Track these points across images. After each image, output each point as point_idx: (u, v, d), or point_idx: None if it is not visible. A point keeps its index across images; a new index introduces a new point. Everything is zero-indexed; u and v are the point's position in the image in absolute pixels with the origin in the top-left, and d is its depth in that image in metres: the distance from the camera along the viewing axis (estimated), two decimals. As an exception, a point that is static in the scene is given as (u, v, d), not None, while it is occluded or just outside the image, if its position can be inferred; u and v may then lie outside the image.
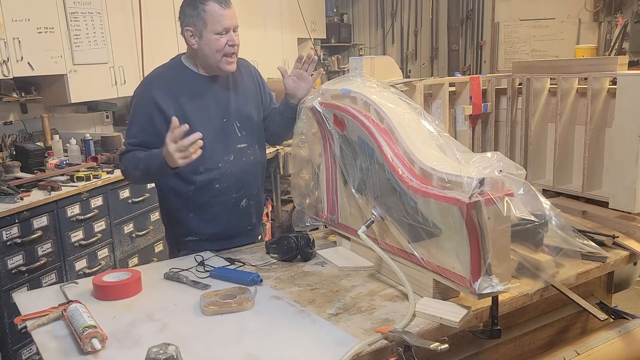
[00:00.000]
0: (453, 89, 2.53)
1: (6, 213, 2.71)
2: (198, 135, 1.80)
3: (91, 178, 3.27)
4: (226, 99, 2.13)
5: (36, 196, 2.94)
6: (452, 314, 1.46)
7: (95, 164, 3.58)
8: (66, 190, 3.08)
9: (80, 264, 3.18)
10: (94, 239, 3.26)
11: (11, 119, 3.66)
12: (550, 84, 2.42)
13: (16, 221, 2.77)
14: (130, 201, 3.55)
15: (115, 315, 1.57)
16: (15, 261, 2.77)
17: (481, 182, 1.34)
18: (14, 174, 3.24)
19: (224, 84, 2.14)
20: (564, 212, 1.67)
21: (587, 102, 2.20)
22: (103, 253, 3.35)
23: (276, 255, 1.98)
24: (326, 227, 2.21)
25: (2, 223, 2.70)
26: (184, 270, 1.87)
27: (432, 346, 1.28)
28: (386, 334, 1.36)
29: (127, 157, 2.05)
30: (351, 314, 1.54)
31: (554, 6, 6.89)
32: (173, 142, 1.79)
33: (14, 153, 3.49)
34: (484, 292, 1.38)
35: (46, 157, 3.54)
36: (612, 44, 6.28)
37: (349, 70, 2.29)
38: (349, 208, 1.93)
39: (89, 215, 3.22)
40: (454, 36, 7.58)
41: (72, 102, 3.64)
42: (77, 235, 3.16)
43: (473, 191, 1.33)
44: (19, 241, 2.77)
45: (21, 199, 2.85)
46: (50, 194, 2.98)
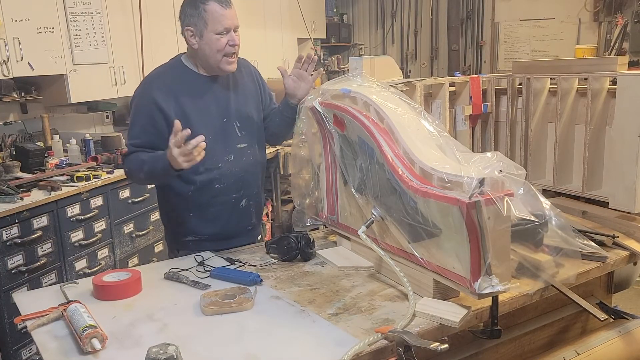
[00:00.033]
0: (453, 89, 2.53)
1: (6, 213, 2.71)
2: (201, 138, 1.81)
3: (91, 178, 3.27)
4: (226, 98, 2.13)
5: (36, 196, 2.94)
6: (452, 314, 1.46)
7: (95, 164, 3.58)
8: (66, 190, 3.08)
9: (80, 264, 3.18)
10: (94, 239, 3.26)
11: (11, 119, 3.66)
12: (550, 84, 2.42)
13: (16, 221, 2.77)
14: (130, 201, 3.55)
15: (115, 315, 1.57)
16: (15, 261, 2.77)
17: (481, 182, 1.34)
18: (14, 174, 3.24)
19: (224, 84, 2.14)
20: (564, 212, 1.67)
21: (587, 102, 2.20)
22: (103, 253, 3.35)
23: (276, 255, 1.98)
24: (326, 227, 2.21)
25: (2, 223, 2.70)
26: (184, 270, 1.87)
27: (432, 346, 1.28)
28: (386, 334, 1.36)
29: (130, 159, 2.05)
30: (351, 314, 1.54)
31: (554, 6, 6.89)
32: (176, 146, 1.80)
33: (14, 153, 3.49)
34: (484, 292, 1.39)
35: (46, 157, 3.54)
36: (612, 44, 6.28)
37: (349, 70, 2.29)
38: (349, 208, 1.93)
39: (89, 215, 3.22)
40: (454, 36, 7.58)
41: (72, 102, 3.64)
42: (77, 235, 3.16)
43: (473, 191, 1.33)
44: (19, 241, 2.77)
45: (21, 199, 2.85)
46: (50, 194, 2.98)
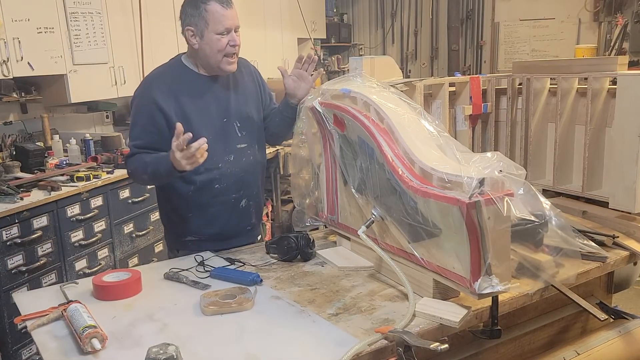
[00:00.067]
0: (453, 89, 2.53)
1: (6, 213, 2.71)
2: (203, 140, 1.81)
3: (91, 178, 3.27)
4: (226, 98, 2.13)
5: (36, 196, 2.94)
6: (452, 314, 1.46)
7: (95, 164, 3.58)
8: (66, 190, 3.08)
9: (80, 264, 3.18)
10: (94, 239, 3.26)
11: (11, 119, 3.66)
12: (550, 84, 2.42)
13: (16, 221, 2.77)
14: (130, 201, 3.55)
15: (115, 315, 1.57)
16: (15, 261, 2.77)
17: (481, 182, 1.34)
18: (14, 174, 3.24)
19: (224, 84, 2.14)
20: (564, 212, 1.67)
21: (587, 102, 2.20)
22: (103, 253, 3.35)
23: (276, 255, 1.98)
24: (326, 227, 2.21)
25: (2, 223, 2.70)
26: (184, 270, 1.87)
27: (432, 346, 1.28)
28: (386, 334, 1.36)
29: (133, 161, 2.05)
30: (351, 314, 1.54)
31: (554, 6, 6.89)
32: (178, 149, 1.80)
33: (14, 153, 3.49)
34: (484, 292, 1.38)
35: (46, 157, 3.54)
36: (612, 44, 6.28)
37: (349, 70, 2.29)
38: (349, 208, 1.93)
39: (89, 215, 3.22)
40: (454, 36, 7.58)
41: (72, 102, 3.64)
42: (77, 235, 3.16)
43: (473, 191, 1.33)
44: (19, 241, 2.77)
45: (21, 199, 2.85)
46: (50, 194, 2.98)
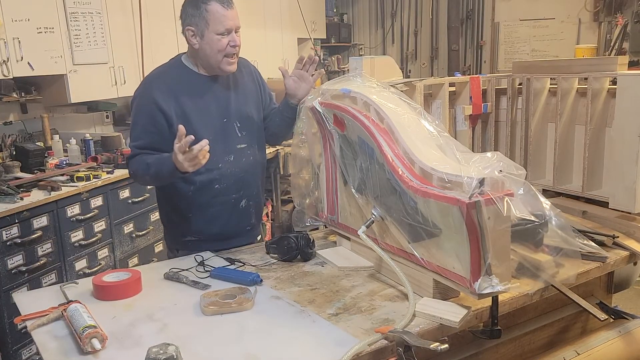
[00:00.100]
0: (453, 89, 2.53)
1: (6, 213, 2.71)
2: (205, 142, 1.82)
3: (91, 178, 3.27)
4: (226, 98, 2.13)
5: (36, 196, 2.94)
6: (452, 314, 1.46)
7: (95, 164, 3.58)
8: (66, 190, 3.08)
9: (80, 264, 3.18)
10: (94, 239, 3.26)
11: (11, 119, 3.65)
12: (550, 84, 2.42)
13: (16, 221, 2.77)
14: (130, 201, 3.55)
15: (115, 315, 1.57)
16: (15, 261, 2.77)
17: (481, 182, 1.34)
18: (14, 174, 3.24)
19: (224, 84, 2.14)
20: (564, 212, 1.67)
21: (587, 102, 2.20)
22: (103, 253, 3.35)
23: (276, 255, 1.98)
24: (326, 227, 2.21)
25: (2, 223, 2.70)
26: (184, 270, 1.87)
27: (432, 346, 1.28)
28: (386, 334, 1.36)
29: (135, 162, 2.05)
30: (351, 314, 1.54)
31: (554, 6, 6.89)
32: (181, 152, 1.80)
33: (14, 153, 3.49)
34: (484, 292, 1.38)
35: (46, 157, 3.54)
36: (612, 44, 6.28)
37: (349, 70, 2.29)
38: (349, 208, 1.93)
39: (89, 215, 3.22)
40: (454, 36, 7.58)
41: (72, 102, 3.64)
42: (77, 235, 3.16)
43: (473, 191, 1.33)
44: (19, 241, 2.77)
45: (21, 199, 2.85)
46: (50, 194, 2.98)
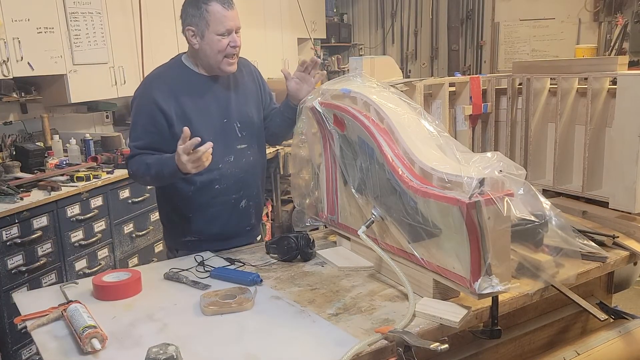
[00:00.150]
0: (453, 89, 2.53)
1: (6, 213, 2.71)
2: (209, 144, 1.83)
3: (91, 178, 3.27)
4: (227, 99, 2.13)
5: (36, 196, 2.94)
6: (452, 314, 1.46)
7: (95, 164, 3.58)
8: (66, 190, 3.08)
9: (80, 264, 3.18)
10: (94, 239, 3.26)
11: (11, 119, 3.65)
12: (550, 84, 2.42)
13: (16, 221, 2.77)
14: (130, 201, 3.55)
15: (115, 315, 1.57)
16: (15, 261, 2.77)
17: (481, 182, 1.34)
18: (14, 174, 3.24)
19: (224, 84, 2.14)
20: (564, 212, 1.67)
21: (587, 102, 2.20)
22: (103, 253, 3.35)
23: (276, 255, 1.98)
24: (326, 227, 2.21)
25: (2, 223, 2.70)
26: (184, 270, 1.87)
27: (432, 346, 1.28)
28: (386, 334, 1.36)
29: (134, 162, 2.05)
30: (351, 314, 1.54)
31: (554, 6, 6.89)
32: (185, 153, 1.81)
33: (14, 153, 3.49)
34: (484, 292, 1.38)
35: (46, 157, 3.54)
36: (612, 44, 6.28)
37: (349, 70, 2.29)
38: (349, 208, 1.93)
39: (89, 215, 3.22)
40: (454, 36, 7.58)
41: (72, 102, 3.64)
42: (77, 235, 3.16)
43: (473, 191, 1.33)
44: (19, 241, 2.77)
45: (21, 199, 2.85)
46: (50, 194, 2.98)
